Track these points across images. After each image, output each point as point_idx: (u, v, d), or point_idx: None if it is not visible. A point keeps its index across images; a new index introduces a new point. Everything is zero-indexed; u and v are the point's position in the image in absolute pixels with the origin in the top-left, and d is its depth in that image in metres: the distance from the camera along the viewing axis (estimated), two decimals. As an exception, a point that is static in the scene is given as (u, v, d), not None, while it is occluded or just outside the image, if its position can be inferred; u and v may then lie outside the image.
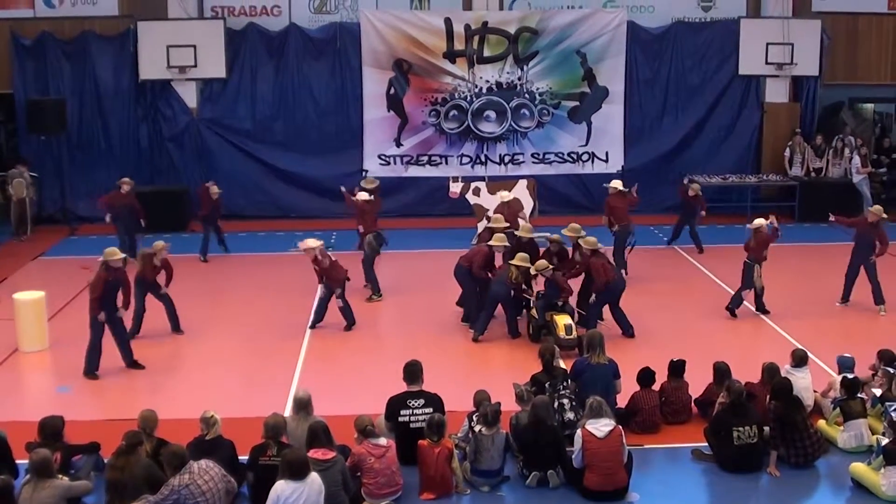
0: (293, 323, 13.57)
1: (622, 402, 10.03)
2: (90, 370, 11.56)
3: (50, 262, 17.59)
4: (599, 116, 20.93)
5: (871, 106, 24.21)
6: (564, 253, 13.71)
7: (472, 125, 20.79)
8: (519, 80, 20.78)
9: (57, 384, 11.52)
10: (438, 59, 20.49)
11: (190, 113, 20.67)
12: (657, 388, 10.14)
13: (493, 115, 20.79)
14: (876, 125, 24.16)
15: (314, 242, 13.16)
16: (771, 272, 13.98)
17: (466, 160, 20.92)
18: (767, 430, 9.10)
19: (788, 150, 21.17)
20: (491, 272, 13.25)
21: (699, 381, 10.20)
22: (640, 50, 21.13)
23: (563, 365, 10.24)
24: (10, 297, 13.07)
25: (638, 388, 10.02)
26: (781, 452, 9.07)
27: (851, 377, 9.82)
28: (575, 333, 12.08)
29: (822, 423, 9.80)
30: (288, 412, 9.37)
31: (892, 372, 9.97)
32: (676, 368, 10.31)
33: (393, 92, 20.56)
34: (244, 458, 8.47)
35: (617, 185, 15.84)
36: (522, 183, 17.84)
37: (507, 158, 20.96)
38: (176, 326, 13.18)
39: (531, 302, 12.90)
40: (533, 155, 21.01)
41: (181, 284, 13.29)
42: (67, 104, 19.96)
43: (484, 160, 20.93)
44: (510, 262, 12.89)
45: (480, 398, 9.13)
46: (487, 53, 20.61)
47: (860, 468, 8.79)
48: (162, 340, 12.90)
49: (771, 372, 9.76)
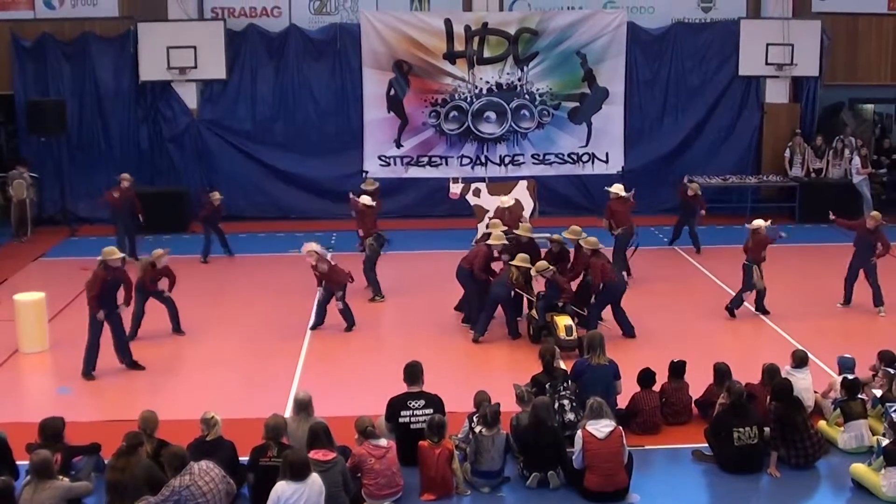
0: (293, 324, 13.58)
1: (622, 402, 10.04)
2: (87, 371, 11.56)
3: (50, 263, 17.58)
4: (599, 117, 20.88)
5: (871, 106, 24.18)
6: (565, 253, 13.71)
7: (472, 126, 20.76)
8: (519, 80, 20.75)
9: (57, 385, 11.51)
10: (438, 60, 20.46)
11: (190, 114, 20.67)
12: (657, 388, 10.15)
13: (493, 116, 20.76)
14: (876, 126, 24.13)
15: (314, 246, 13.17)
16: (771, 273, 13.98)
17: (466, 161, 20.88)
18: (768, 430, 9.10)
19: (788, 150, 21.16)
20: (492, 275, 13.25)
21: (699, 381, 10.21)
22: (640, 51, 21.12)
23: (563, 366, 10.25)
24: (10, 298, 13.08)
25: (638, 388, 10.03)
26: (782, 453, 9.08)
27: (852, 378, 9.82)
28: (575, 334, 12.08)
29: (822, 423, 9.80)
30: (288, 413, 9.38)
31: (892, 373, 9.97)
32: (677, 369, 10.32)
33: (393, 93, 20.53)
34: (245, 458, 8.48)
35: (618, 189, 15.82)
36: (523, 184, 17.83)
37: (507, 159, 20.91)
38: (177, 327, 13.19)
39: (533, 302, 12.89)
40: (533, 156, 20.96)
41: (182, 285, 13.30)
42: (68, 105, 19.95)
43: (484, 161, 20.89)
44: (510, 263, 12.90)
45: (481, 399, 9.13)
46: (487, 54, 20.58)
47: (860, 469, 8.79)
48: (162, 341, 12.90)
49: (771, 373, 9.76)
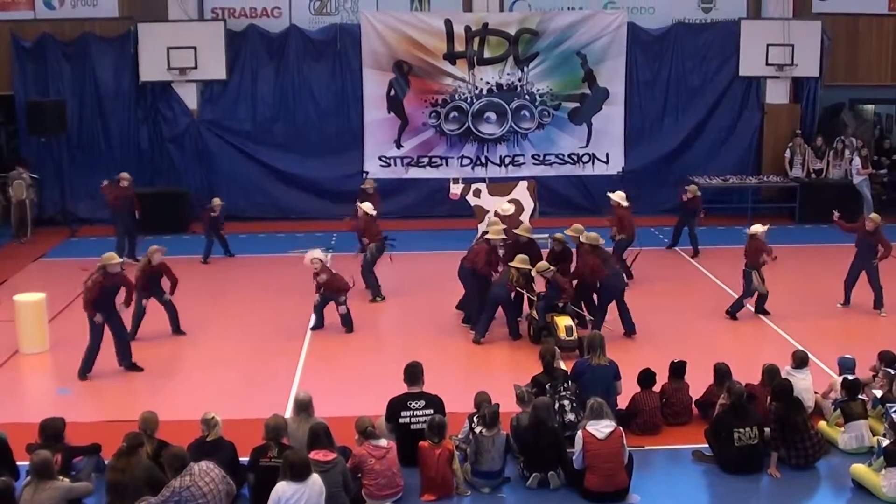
0: (294, 324, 13.58)
1: (623, 403, 10.03)
2: (83, 372, 11.56)
3: (50, 263, 17.58)
4: (600, 118, 20.88)
5: (871, 107, 24.19)
6: (567, 253, 13.70)
7: (472, 127, 20.77)
8: (519, 81, 20.75)
9: (57, 386, 11.51)
10: (439, 60, 20.46)
11: (190, 114, 20.67)
12: (658, 389, 10.15)
13: (493, 116, 20.76)
14: (876, 126, 24.15)
15: (318, 254, 13.14)
16: (772, 273, 13.98)
17: (467, 162, 20.88)
18: (768, 431, 9.10)
19: (789, 151, 21.16)
20: (495, 269, 13.20)
21: (700, 382, 10.21)
22: (640, 51, 21.12)
23: (563, 366, 10.26)
24: (10, 298, 13.08)
25: (638, 389, 10.03)
26: (782, 454, 9.07)
27: (852, 378, 9.82)
28: (575, 335, 12.08)
29: (822, 424, 9.80)
30: (289, 413, 9.39)
31: (892, 373, 9.96)
32: (677, 370, 10.31)
33: (393, 93, 20.53)
34: (245, 459, 8.47)
35: (619, 198, 15.78)
36: (523, 184, 17.79)
37: (507, 160, 20.92)
38: (177, 329, 13.19)
39: (534, 302, 12.88)
40: (533, 156, 20.97)
41: (182, 285, 13.28)
42: (68, 106, 19.96)
43: (484, 161, 20.89)
44: (510, 264, 12.90)
45: (481, 399, 9.13)
46: (488, 55, 20.58)
47: (861, 469, 8.78)
48: (162, 342, 12.90)
49: (771, 373, 9.77)
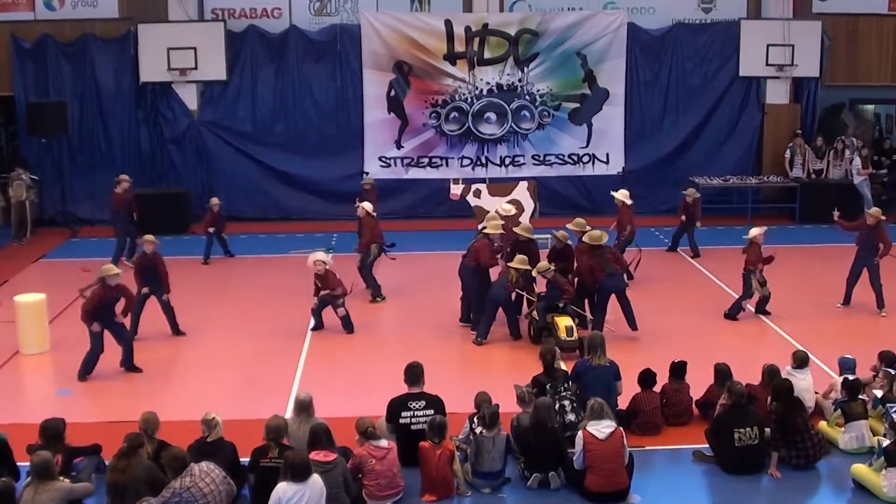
0: (294, 324, 13.57)
1: (623, 403, 10.03)
2: (82, 374, 11.55)
3: (51, 264, 17.58)
4: (600, 118, 20.92)
5: (871, 107, 24.18)
6: (569, 251, 13.69)
7: (472, 127, 20.79)
8: (519, 81, 20.77)
9: (58, 386, 11.51)
10: (439, 60, 20.48)
11: (190, 115, 20.68)
12: (658, 389, 10.14)
13: (493, 116, 20.79)
14: (876, 126, 24.14)
15: (321, 256, 13.15)
16: (772, 274, 13.96)
17: (467, 162, 20.92)
18: (768, 431, 9.09)
19: (789, 151, 21.15)
20: (496, 262, 13.20)
21: (700, 382, 10.20)
22: (640, 51, 21.11)
23: (564, 366, 10.25)
24: (10, 299, 13.09)
25: (639, 389, 10.02)
26: (782, 454, 9.07)
27: (852, 378, 9.81)
28: (576, 335, 12.08)
29: (823, 424, 9.80)
30: (289, 414, 9.40)
31: (893, 373, 9.96)
32: (677, 370, 10.31)
33: (393, 94, 20.55)
34: (245, 459, 8.47)
35: (623, 196, 15.76)
36: (523, 185, 17.78)
37: (507, 160, 20.96)
38: (176, 329, 13.18)
39: (534, 302, 12.86)
40: (533, 157, 21.00)
41: (182, 286, 13.31)
42: (68, 106, 19.97)
43: (484, 162, 20.92)
44: (509, 265, 12.89)
45: (481, 400, 9.13)
46: (488, 55, 20.60)
47: (861, 469, 8.78)
48: (163, 342, 12.90)
49: (772, 373, 9.76)
